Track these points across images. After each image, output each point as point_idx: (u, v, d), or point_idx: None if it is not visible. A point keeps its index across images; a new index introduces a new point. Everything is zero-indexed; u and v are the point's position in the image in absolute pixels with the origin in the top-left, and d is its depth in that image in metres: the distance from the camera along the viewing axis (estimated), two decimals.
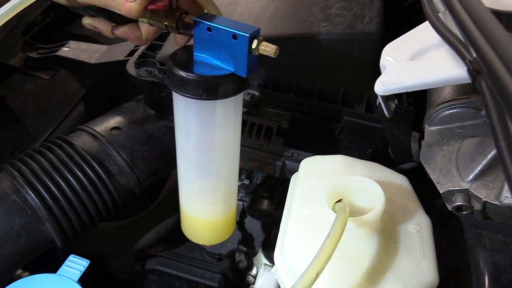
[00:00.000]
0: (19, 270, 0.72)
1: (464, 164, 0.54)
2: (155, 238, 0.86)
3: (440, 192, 0.55)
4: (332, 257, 0.43)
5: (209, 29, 0.50)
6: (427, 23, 0.50)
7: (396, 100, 0.61)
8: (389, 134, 0.70)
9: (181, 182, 0.64)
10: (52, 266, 0.60)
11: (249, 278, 0.86)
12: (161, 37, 0.82)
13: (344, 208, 0.47)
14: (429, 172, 0.57)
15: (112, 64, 0.91)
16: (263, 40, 0.49)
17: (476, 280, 0.52)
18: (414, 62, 0.52)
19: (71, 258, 0.60)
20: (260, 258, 0.85)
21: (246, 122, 0.74)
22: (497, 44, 0.32)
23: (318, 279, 0.42)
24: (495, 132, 0.32)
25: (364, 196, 0.51)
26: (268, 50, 0.49)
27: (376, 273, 0.48)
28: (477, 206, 0.52)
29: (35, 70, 1.03)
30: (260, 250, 0.85)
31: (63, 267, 0.59)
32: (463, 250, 0.56)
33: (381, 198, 0.48)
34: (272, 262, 0.78)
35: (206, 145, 0.58)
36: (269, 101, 0.78)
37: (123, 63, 0.81)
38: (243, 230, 0.85)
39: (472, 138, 0.57)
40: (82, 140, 0.70)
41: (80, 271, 0.59)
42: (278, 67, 0.77)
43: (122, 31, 0.56)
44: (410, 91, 0.53)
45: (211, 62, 0.52)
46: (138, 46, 0.85)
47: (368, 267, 0.48)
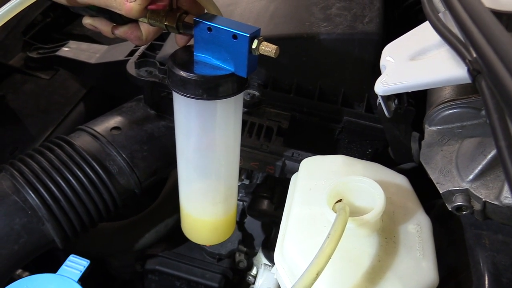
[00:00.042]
0: (19, 270, 0.72)
1: (464, 164, 0.54)
2: (155, 238, 0.86)
3: (440, 192, 0.55)
4: (332, 257, 0.43)
5: (209, 29, 0.50)
6: (427, 23, 0.50)
7: (396, 100, 0.61)
8: (389, 134, 0.70)
9: (181, 182, 0.64)
10: (52, 266, 0.60)
11: (249, 278, 0.86)
12: (161, 37, 0.82)
13: (344, 208, 0.47)
14: (429, 172, 0.57)
15: (112, 64, 0.91)
16: (263, 40, 0.49)
17: (476, 280, 0.52)
18: (414, 62, 0.52)
19: (71, 258, 0.60)
20: (260, 258, 0.85)
21: (246, 122, 0.74)
22: (497, 44, 0.32)
23: (318, 279, 0.42)
24: (495, 132, 0.32)
25: (364, 196, 0.51)
26: (268, 50, 0.49)
27: (376, 273, 0.48)
28: (477, 206, 0.52)
29: (35, 70, 1.03)
30: (260, 250, 0.85)
31: (63, 267, 0.59)
32: (463, 250, 0.56)
33: (381, 198, 0.48)
34: (272, 262, 0.78)
35: (206, 145, 0.58)
36: (269, 101, 0.78)
37: (123, 63, 0.81)
38: (243, 230, 0.85)
39: (472, 138, 0.57)
40: (82, 140, 0.70)
41: (80, 271, 0.59)
42: (278, 67, 0.77)
43: (122, 31, 0.56)
44: (410, 91, 0.53)
45: (212, 62, 0.52)
46: (138, 46, 0.85)
47: (368, 267, 0.48)
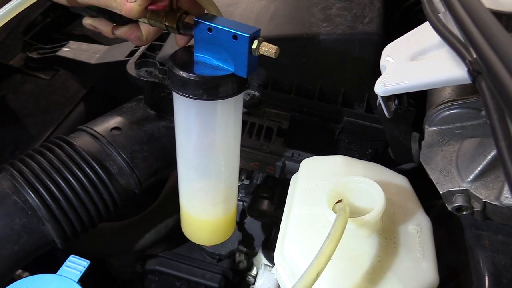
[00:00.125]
0: (19, 270, 0.72)
1: (464, 165, 0.54)
2: (155, 239, 0.86)
3: (440, 192, 0.55)
4: (332, 257, 0.43)
5: (209, 29, 0.50)
6: (427, 24, 0.50)
7: (396, 101, 0.61)
8: (389, 135, 0.70)
9: (181, 182, 0.64)
10: (52, 266, 0.60)
11: (249, 278, 0.86)
12: (161, 37, 0.82)
13: (344, 209, 0.47)
14: (429, 172, 0.57)
15: (112, 64, 0.91)
16: (263, 41, 0.49)
17: (476, 281, 0.52)
18: (414, 63, 0.52)
19: (71, 258, 0.60)
20: (260, 259, 0.85)
21: (246, 122, 0.74)
22: (497, 44, 0.32)
23: (318, 280, 0.42)
24: (495, 133, 0.32)
25: (364, 196, 0.51)
26: (268, 50, 0.49)
27: (376, 273, 0.48)
28: (477, 207, 0.52)
29: (35, 70, 1.03)
30: (260, 251, 0.85)
31: (63, 267, 0.59)
32: (463, 251, 0.56)
33: (381, 199, 0.48)
34: (272, 263, 0.78)
35: (206, 145, 0.58)
36: (269, 101, 0.78)
37: (123, 63, 0.81)
38: (243, 230, 0.85)
39: (472, 139, 0.57)
40: (82, 141, 0.70)
41: (80, 271, 0.59)
42: (279, 67, 0.77)
43: (123, 31, 0.56)
44: (410, 91, 0.53)
45: (212, 63, 0.52)
46: (138, 46, 0.85)
47: (368, 268, 0.48)
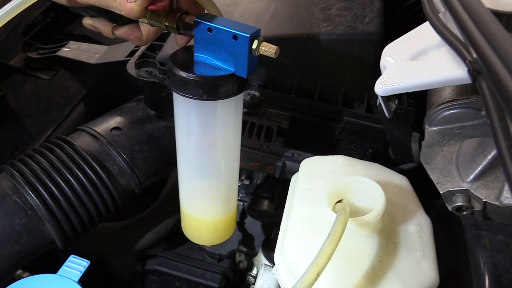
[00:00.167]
0: (19, 271, 0.72)
1: (465, 165, 0.54)
2: (156, 239, 0.86)
3: (441, 192, 0.55)
4: (332, 257, 0.43)
5: (209, 29, 0.50)
6: (427, 24, 0.50)
7: (396, 101, 0.61)
8: (389, 135, 0.70)
9: (181, 182, 0.64)
10: (52, 266, 0.60)
11: (249, 278, 0.86)
12: (161, 37, 0.82)
13: (344, 209, 0.47)
14: (429, 172, 0.57)
15: (112, 64, 0.91)
16: (263, 41, 0.49)
17: (476, 281, 0.52)
18: (415, 63, 0.52)
19: (71, 258, 0.60)
20: (260, 259, 0.85)
21: (247, 122, 0.74)
22: (497, 44, 0.32)
23: (318, 280, 0.42)
24: (496, 133, 0.32)
25: (365, 196, 0.51)
26: (268, 50, 0.49)
27: (376, 273, 0.47)
28: (477, 207, 0.52)
29: (35, 70, 1.03)
30: (260, 251, 0.85)
31: (63, 267, 0.59)
32: (463, 251, 0.56)
33: (381, 199, 0.48)
34: (273, 263, 0.78)
35: (206, 145, 0.58)
36: (269, 101, 0.78)
37: (124, 63, 0.81)
38: (243, 230, 0.85)
39: (472, 139, 0.57)
40: (82, 141, 0.70)
41: (80, 272, 0.59)
42: (279, 67, 0.77)
43: (123, 31, 0.56)
44: (410, 91, 0.53)
45: (212, 63, 0.52)
46: (139, 46, 0.85)
47: (369, 268, 0.48)
